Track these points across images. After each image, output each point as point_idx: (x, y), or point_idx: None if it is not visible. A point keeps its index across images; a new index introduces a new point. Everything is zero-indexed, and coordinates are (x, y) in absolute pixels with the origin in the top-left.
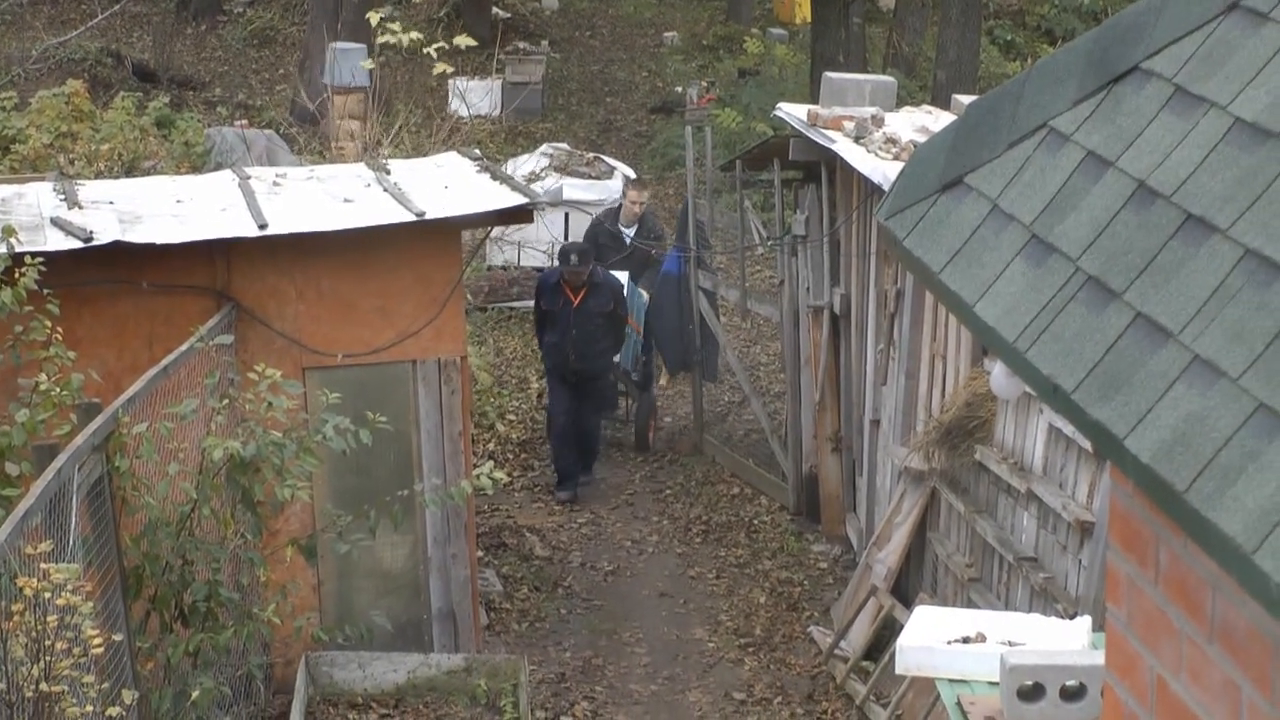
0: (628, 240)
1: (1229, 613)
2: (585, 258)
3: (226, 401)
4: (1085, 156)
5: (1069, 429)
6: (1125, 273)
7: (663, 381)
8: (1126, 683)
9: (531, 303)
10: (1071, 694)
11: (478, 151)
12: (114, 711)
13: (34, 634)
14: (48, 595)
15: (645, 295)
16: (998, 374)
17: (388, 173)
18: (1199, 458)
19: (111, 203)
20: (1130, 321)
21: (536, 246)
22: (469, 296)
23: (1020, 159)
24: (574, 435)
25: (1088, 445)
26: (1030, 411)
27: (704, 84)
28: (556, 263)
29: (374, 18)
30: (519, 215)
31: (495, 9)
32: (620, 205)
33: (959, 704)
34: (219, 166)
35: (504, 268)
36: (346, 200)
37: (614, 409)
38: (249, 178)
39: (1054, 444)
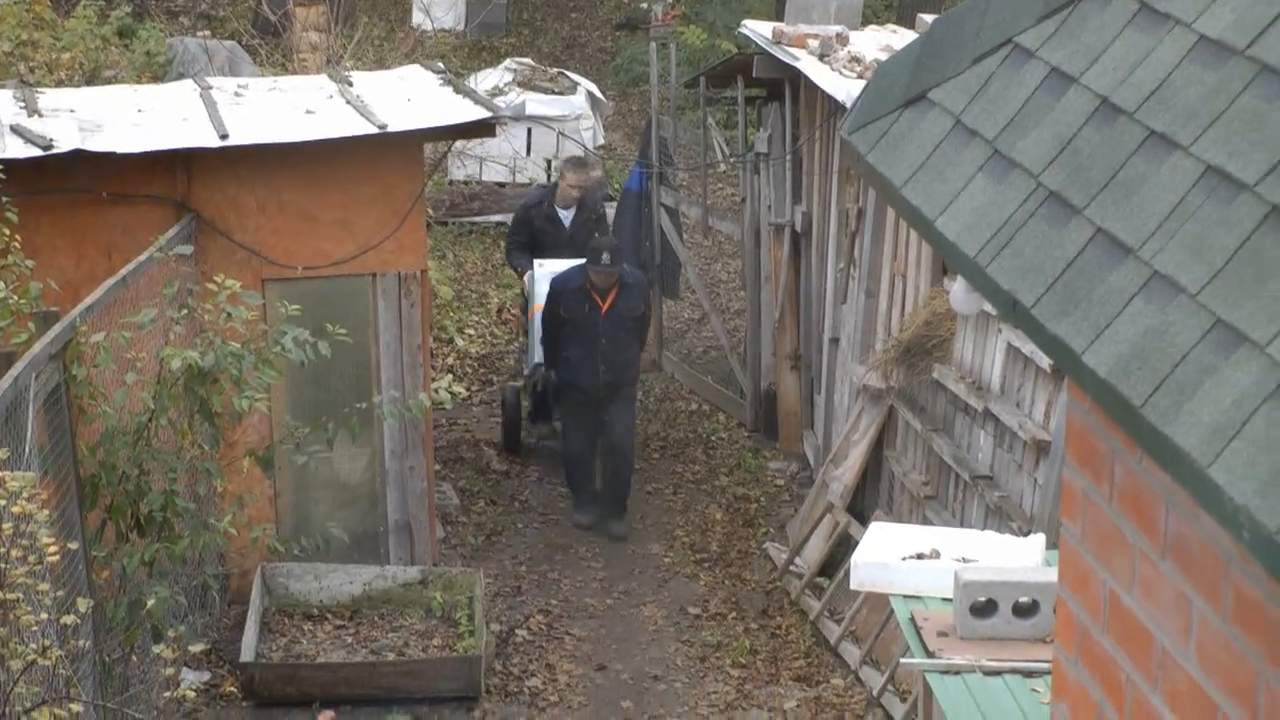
0: (567, 225)
1: (1182, 528)
2: (618, 256)
3: (185, 312)
4: (1049, 73)
5: (1027, 348)
6: (1086, 189)
7: None
8: (1079, 597)
9: (493, 218)
10: (1024, 610)
11: (441, 65)
12: (69, 619)
13: None
14: (3, 503)
15: None
16: (958, 290)
17: (350, 85)
18: (1156, 373)
19: (72, 111)
20: (1091, 237)
21: (499, 161)
22: (430, 210)
23: (984, 75)
24: (592, 458)
25: (1046, 365)
26: (989, 331)
27: (669, 0)
28: (529, 260)
29: None
30: (481, 129)
31: None
32: (556, 184)
33: (912, 619)
34: (180, 77)
35: (465, 182)
36: (308, 112)
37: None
38: (210, 88)
39: (1012, 363)
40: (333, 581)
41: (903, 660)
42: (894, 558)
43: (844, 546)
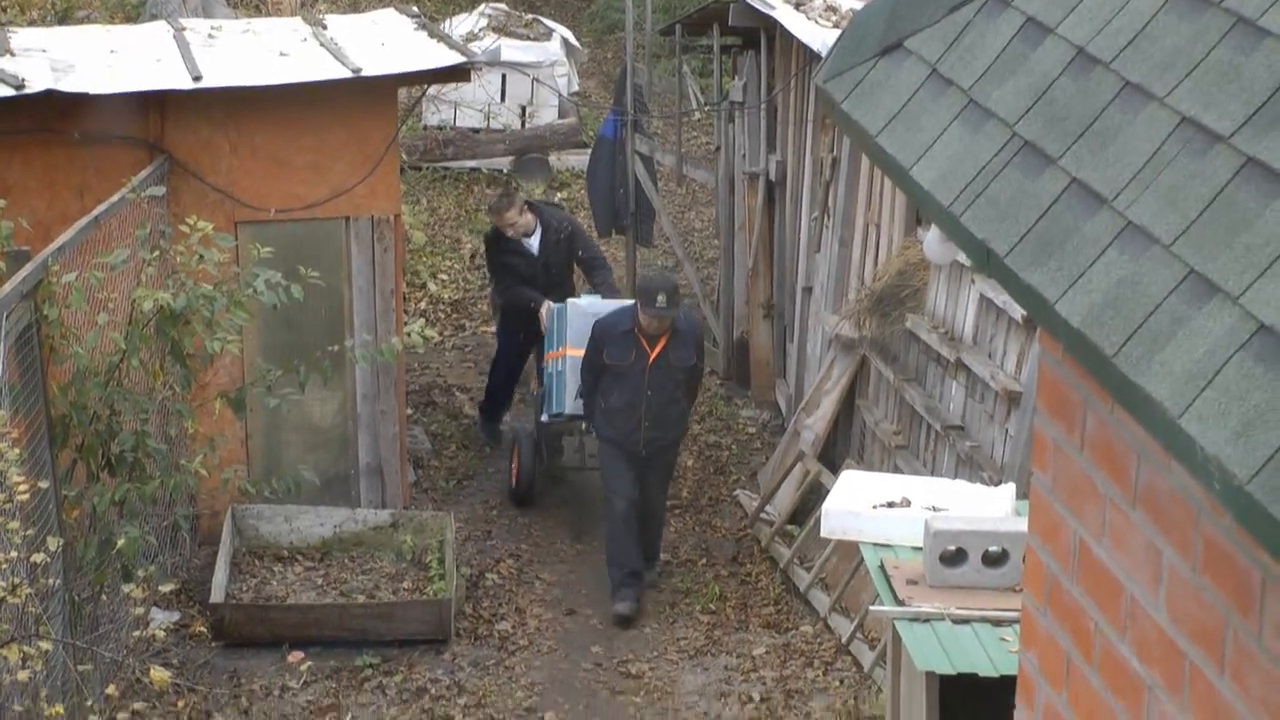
0: (536, 252)
1: (1153, 478)
2: (675, 297)
3: (157, 253)
4: (1025, 22)
5: (1000, 299)
6: (1062, 139)
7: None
8: (1049, 546)
9: (468, 164)
10: (994, 559)
11: (415, 9)
12: (39, 558)
13: None
14: None
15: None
16: (931, 239)
17: (324, 28)
18: (1129, 322)
19: (44, 51)
20: (1065, 187)
21: (473, 107)
22: (404, 155)
23: (960, 24)
24: (639, 522)
25: (1018, 316)
26: (962, 281)
27: None
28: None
29: None
30: (456, 74)
31: None
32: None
33: (882, 567)
34: (154, 18)
35: (439, 128)
36: (282, 55)
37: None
38: (184, 29)
39: (985, 314)
40: (303, 523)
41: (872, 608)
42: (864, 506)
43: (815, 494)
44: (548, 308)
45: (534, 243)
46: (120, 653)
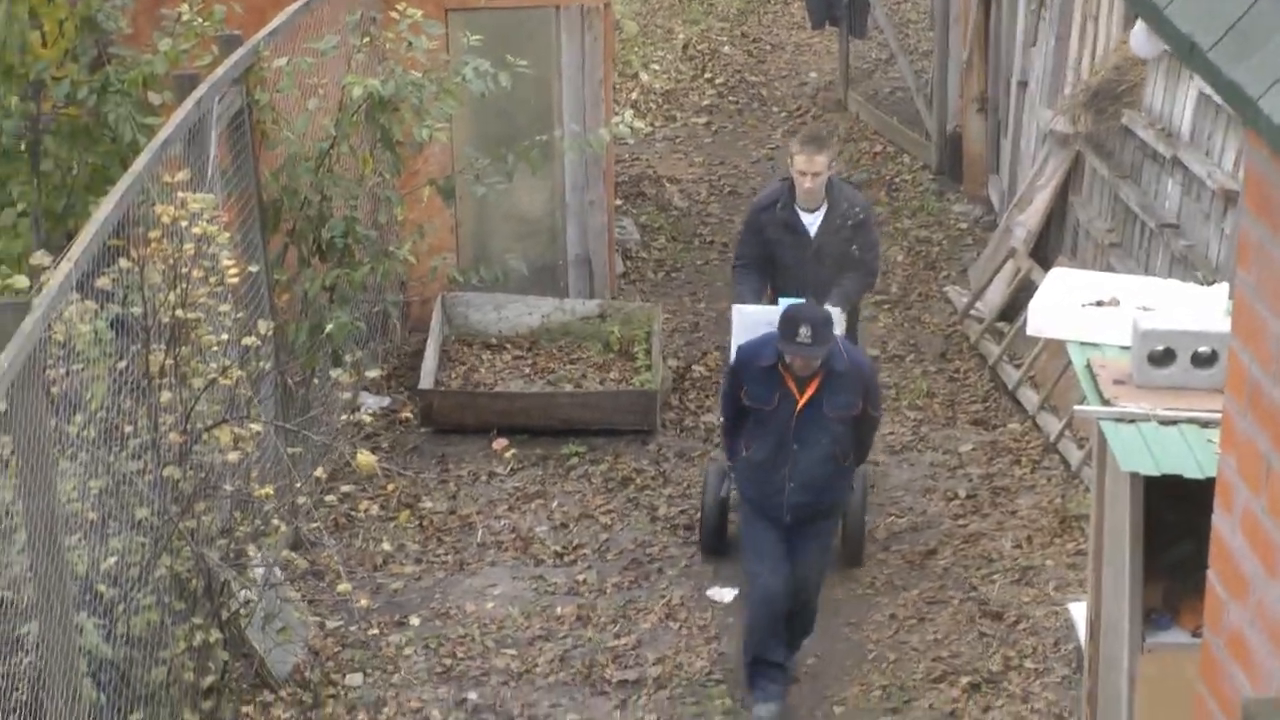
0: (813, 233)
1: None
2: (824, 332)
3: (367, 40)
4: None
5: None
6: None
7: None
8: (1251, 348)
9: None
10: (1203, 360)
11: None
12: (250, 341)
13: (171, 261)
14: (185, 223)
15: (840, 319)
16: (1139, 31)
17: None
18: None
19: None
20: None
21: None
22: None
23: None
24: (785, 610)
25: None
26: (1180, 77)
27: None
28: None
29: None
30: None
31: None
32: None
33: (1089, 367)
34: None
35: None
36: None
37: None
38: None
39: (1203, 110)
40: (512, 312)
41: (1077, 408)
42: (1073, 304)
43: (1025, 292)
44: (735, 316)
45: (814, 221)
46: (330, 436)
